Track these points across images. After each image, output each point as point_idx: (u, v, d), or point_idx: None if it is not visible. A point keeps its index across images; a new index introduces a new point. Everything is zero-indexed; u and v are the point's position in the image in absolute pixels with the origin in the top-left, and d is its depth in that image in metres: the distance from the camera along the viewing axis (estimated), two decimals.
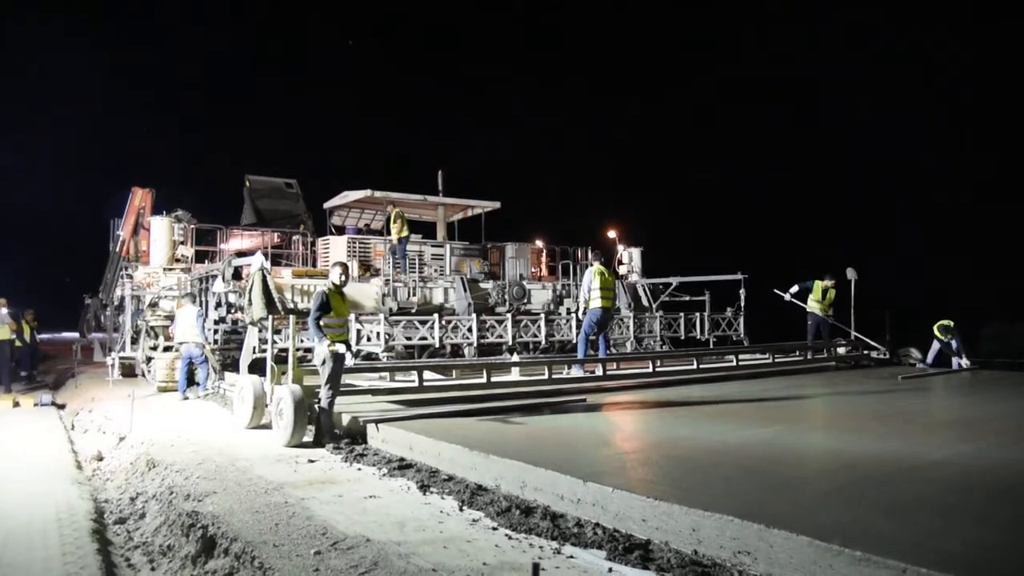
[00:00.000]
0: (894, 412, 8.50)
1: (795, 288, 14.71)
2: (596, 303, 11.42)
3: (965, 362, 13.55)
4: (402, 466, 6.39)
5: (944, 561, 3.28)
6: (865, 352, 14.81)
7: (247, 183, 20.45)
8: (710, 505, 4.17)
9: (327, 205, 18.75)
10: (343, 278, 8.09)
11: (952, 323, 13.76)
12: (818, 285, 14.53)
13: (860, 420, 8.00)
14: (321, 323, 7.64)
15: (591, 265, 12.04)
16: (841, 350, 14.80)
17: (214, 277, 13.41)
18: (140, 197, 19.00)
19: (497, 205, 18.85)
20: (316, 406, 7.72)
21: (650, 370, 11.50)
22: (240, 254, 15.24)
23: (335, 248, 16.54)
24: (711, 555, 3.98)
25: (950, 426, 7.88)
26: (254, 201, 20.19)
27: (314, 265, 16.94)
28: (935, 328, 13.90)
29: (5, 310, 16.12)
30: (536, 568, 3.03)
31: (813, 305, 14.51)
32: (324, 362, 7.64)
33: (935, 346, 13.92)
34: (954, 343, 13.73)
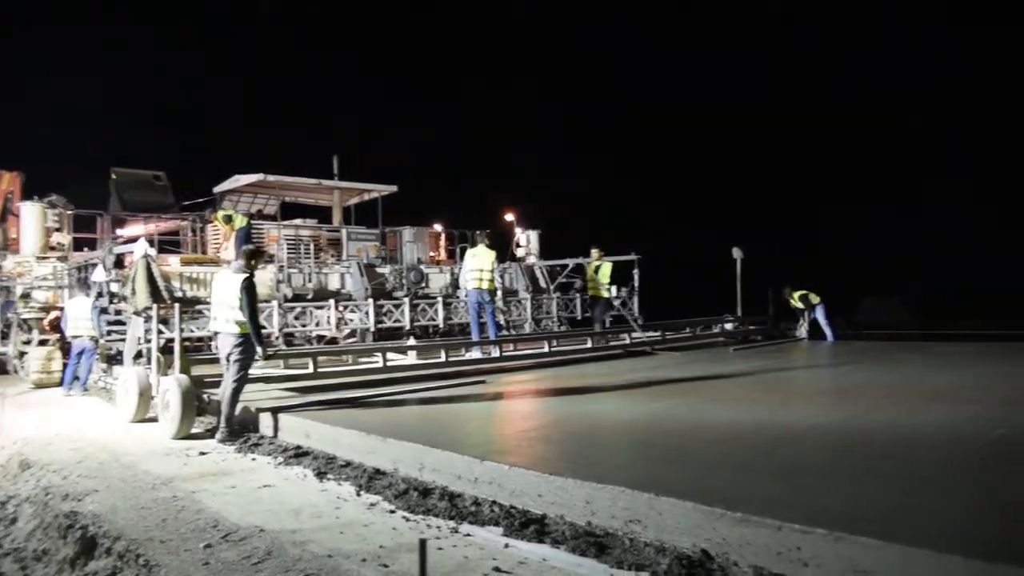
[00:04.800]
0: (778, 383, 9.04)
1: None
2: (469, 284, 11.70)
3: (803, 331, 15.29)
4: (299, 454, 6.27)
5: (817, 516, 3.51)
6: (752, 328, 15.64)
7: (112, 175, 19.55)
8: (603, 478, 4.30)
9: (217, 189, 17.99)
10: (255, 264, 7.74)
11: (808, 293, 14.98)
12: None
13: (746, 391, 8.40)
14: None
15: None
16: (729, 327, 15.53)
17: (94, 265, 12.69)
18: (7, 181, 17.68)
19: (394, 189, 18.56)
20: (211, 397, 7.44)
21: (546, 350, 11.69)
22: (120, 241, 14.50)
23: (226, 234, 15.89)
24: (604, 525, 4.11)
25: (828, 394, 8.41)
26: (120, 193, 19.34)
27: (203, 252, 16.28)
28: (796, 296, 15.02)
29: None
30: (423, 544, 3.03)
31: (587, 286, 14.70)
32: (245, 355, 7.30)
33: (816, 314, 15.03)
34: (810, 313, 14.97)
